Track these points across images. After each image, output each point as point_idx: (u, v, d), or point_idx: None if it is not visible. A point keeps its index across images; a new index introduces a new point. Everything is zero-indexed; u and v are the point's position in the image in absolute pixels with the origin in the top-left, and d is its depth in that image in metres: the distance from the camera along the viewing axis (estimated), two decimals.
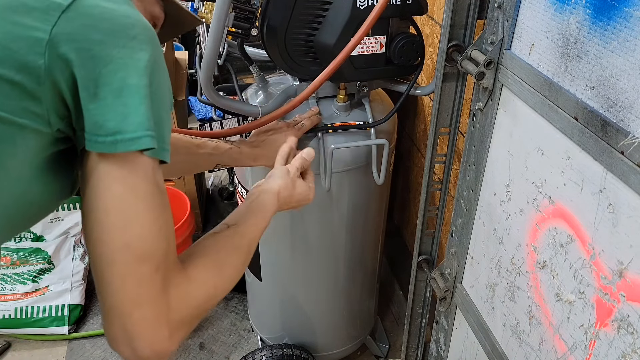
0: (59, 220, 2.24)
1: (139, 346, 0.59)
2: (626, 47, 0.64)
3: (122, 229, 0.58)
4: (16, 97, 0.58)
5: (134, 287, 0.58)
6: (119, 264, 0.58)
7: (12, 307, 2.04)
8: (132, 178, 0.59)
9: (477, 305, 1.16)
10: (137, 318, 0.58)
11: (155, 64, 0.62)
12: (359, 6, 1.17)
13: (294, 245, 1.56)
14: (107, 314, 0.59)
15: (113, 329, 0.59)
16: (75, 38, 0.57)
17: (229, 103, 1.28)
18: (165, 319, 0.60)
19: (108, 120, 0.58)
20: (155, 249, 0.59)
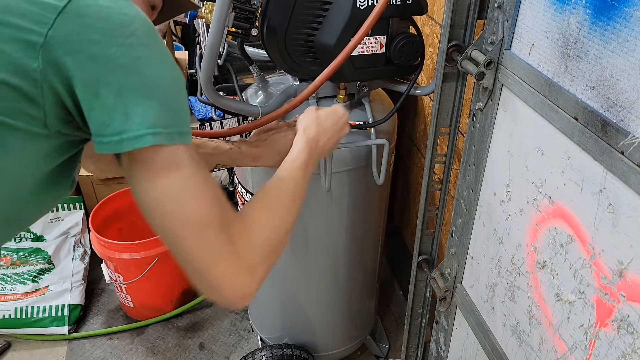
0: (59, 220, 2.24)
1: (228, 295, 0.69)
2: (626, 47, 0.64)
3: (178, 210, 0.64)
4: (12, 100, 0.58)
5: (207, 252, 0.66)
6: (187, 239, 0.65)
7: (12, 307, 2.04)
8: (169, 167, 0.63)
9: (477, 305, 1.16)
10: (218, 274, 0.67)
11: (156, 57, 0.62)
12: (359, 6, 1.17)
13: (294, 245, 1.56)
14: (193, 277, 0.68)
15: (202, 287, 0.69)
16: (71, 39, 0.58)
17: (229, 103, 1.28)
18: (241, 266, 0.69)
19: (113, 119, 0.59)
20: (212, 215, 0.66)
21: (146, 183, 0.64)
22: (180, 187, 0.64)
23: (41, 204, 0.71)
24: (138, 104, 0.60)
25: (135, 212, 2.47)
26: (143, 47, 0.61)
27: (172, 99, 0.63)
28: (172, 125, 0.63)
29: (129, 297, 2.10)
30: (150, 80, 0.61)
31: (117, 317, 2.20)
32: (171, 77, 0.64)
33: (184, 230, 0.65)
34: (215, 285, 0.68)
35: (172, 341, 2.09)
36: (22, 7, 0.57)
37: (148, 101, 0.61)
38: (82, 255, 2.24)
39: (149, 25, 0.63)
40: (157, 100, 0.61)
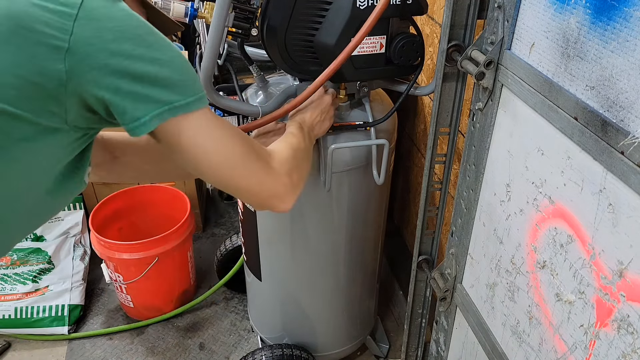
0: (59, 220, 2.24)
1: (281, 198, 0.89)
2: (626, 47, 0.64)
3: (224, 152, 0.79)
4: (37, 98, 0.65)
5: (256, 175, 0.84)
6: (236, 169, 0.82)
7: (12, 307, 2.04)
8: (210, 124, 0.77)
9: (477, 305, 1.16)
10: (269, 187, 0.86)
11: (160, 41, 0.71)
12: (359, 6, 1.17)
13: (294, 245, 1.56)
14: (251, 200, 0.89)
15: (261, 203, 0.89)
16: (91, 42, 0.65)
17: (229, 103, 1.28)
18: (281, 174, 0.89)
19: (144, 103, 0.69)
20: (246, 149, 0.82)
21: (187, 147, 0.75)
22: (215, 141, 0.78)
23: (57, 198, 0.78)
24: (164, 85, 0.70)
25: (135, 212, 2.47)
26: (148, 35, 0.70)
27: (187, 72, 0.74)
28: (194, 93, 0.74)
29: (129, 297, 2.10)
30: (166, 62, 0.71)
31: (117, 317, 2.20)
32: (178, 54, 0.73)
33: (230, 171, 0.81)
34: (268, 196, 0.87)
35: (172, 341, 2.09)
36: (45, 16, 0.64)
37: (170, 80, 0.71)
38: (82, 255, 2.24)
39: (142, 18, 0.72)
40: (176, 77, 0.71)
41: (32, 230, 0.84)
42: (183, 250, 2.10)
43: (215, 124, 0.78)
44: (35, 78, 0.64)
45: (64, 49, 0.64)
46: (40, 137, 0.68)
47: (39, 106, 0.65)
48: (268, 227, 1.57)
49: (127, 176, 1.19)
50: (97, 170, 1.05)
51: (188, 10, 1.17)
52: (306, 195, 1.45)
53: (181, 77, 0.72)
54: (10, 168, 0.68)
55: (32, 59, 0.63)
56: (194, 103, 0.74)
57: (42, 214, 0.80)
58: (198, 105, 0.74)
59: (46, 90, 0.65)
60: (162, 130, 0.73)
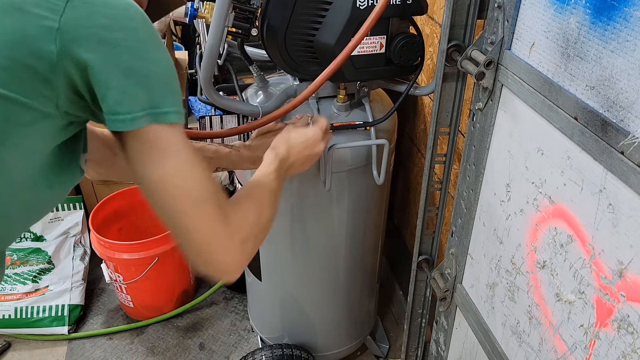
0: (59, 220, 2.24)
1: (222, 265, 0.76)
2: (626, 47, 0.64)
3: (180, 187, 0.70)
4: (29, 80, 0.63)
5: (205, 225, 0.73)
6: (187, 213, 0.71)
7: (12, 307, 2.04)
8: (173, 146, 0.69)
9: (477, 305, 1.16)
10: (215, 246, 0.74)
11: (154, 40, 0.68)
12: (359, 6, 1.17)
13: (294, 245, 1.56)
14: (190, 253, 0.75)
15: (199, 261, 0.75)
16: (82, 24, 0.63)
17: (229, 103, 1.28)
18: (235, 240, 0.76)
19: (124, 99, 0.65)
20: (209, 192, 0.73)
21: (151, 162, 0.69)
22: (183, 165, 0.70)
23: (52, 187, 0.75)
24: (145, 85, 0.66)
25: (135, 212, 2.47)
26: (142, 30, 0.67)
27: (171, 80, 0.69)
28: (174, 105, 0.69)
29: (129, 297, 2.09)
30: (153, 62, 0.67)
31: (117, 317, 2.20)
32: (167, 58, 0.70)
33: (187, 205, 0.71)
34: (212, 258, 0.75)
35: (172, 341, 2.09)
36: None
37: (154, 82, 0.67)
38: (82, 255, 2.24)
39: (141, 11, 0.69)
40: (161, 82, 0.68)
41: (32, 224, 0.81)
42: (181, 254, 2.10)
43: (189, 148, 0.71)
44: (28, 59, 0.62)
45: (54, 29, 0.62)
46: (36, 122, 0.66)
47: (32, 89, 0.64)
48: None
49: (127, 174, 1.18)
50: (97, 167, 1.05)
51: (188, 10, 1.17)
52: (306, 195, 1.45)
53: (165, 82, 0.69)
54: (10, 154, 0.66)
55: (24, 39, 0.62)
56: (173, 115, 0.69)
57: (41, 207, 0.78)
58: (176, 118, 0.69)
59: (38, 73, 0.63)
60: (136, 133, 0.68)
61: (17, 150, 0.67)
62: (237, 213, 0.79)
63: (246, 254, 0.80)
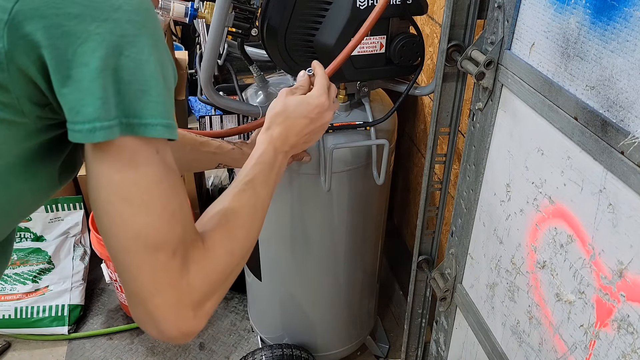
0: (59, 220, 2.24)
1: (165, 328, 0.58)
2: (626, 47, 0.64)
3: (130, 219, 0.54)
4: None
5: (151, 276, 0.56)
6: (132, 254, 0.55)
7: (12, 307, 2.03)
8: (134, 165, 0.54)
9: (477, 305, 1.16)
10: (158, 303, 0.57)
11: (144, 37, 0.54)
12: (359, 6, 1.17)
13: (294, 245, 1.56)
14: (129, 299, 0.59)
15: (137, 312, 0.59)
16: (43, 14, 0.49)
17: (229, 103, 1.28)
18: (188, 300, 0.59)
19: (86, 105, 0.51)
20: (169, 236, 0.57)
21: (105, 177, 0.54)
22: (143, 191, 0.55)
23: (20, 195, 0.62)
24: (116, 90, 0.52)
25: None
26: (130, 23, 0.53)
27: (155, 86, 0.55)
28: (152, 116, 0.54)
29: None
30: (134, 63, 0.53)
31: (117, 317, 2.20)
32: (159, 62, 0.55)
33: (132, 244, 0.55)
34: (152, 314, 0.57)
35: None
36: None
37: (128, 87, 0.53)
38: (82, 255, 2.24)
39: (143, 3, 0.55)
40: (138, 87, 0.53)
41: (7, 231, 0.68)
42: None
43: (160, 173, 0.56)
44: None
45: (3, 22, 0.49)
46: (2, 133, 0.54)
47: None
48: (268, 227, 1.57)
49: None
50: None
51: (188, 10, 1.17)
52: (306, 195, 1.45)
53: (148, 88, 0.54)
54: None
55: None
56: (150, 128, 0.54)
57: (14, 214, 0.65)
58: (153, 132, 0.54)
59: None
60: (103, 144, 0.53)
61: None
62: (205, 261, 0.62)
63: (201, 318, 0.61)
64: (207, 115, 1.44)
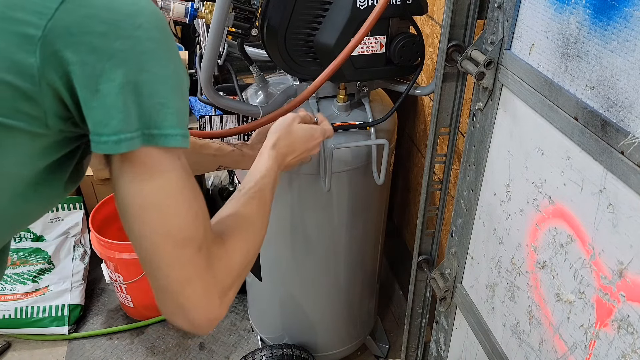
0: (59, 220, 2.24)
1: (195, 317, 0.64)
2: (626, 47, 0.64)
3: (159, 221, 0.60)
4: (8, 98, 0.55)
5: (182, 270, 0.62)
6: (164, 252, 0.61)
7: (12, 307, 2.03)
8: (159, 173, 0.60)
9: (477, 305, 1.16)
10: (188, 294, 0.63)
11: (163, 53, 0.59)
12: (359, 6, 1.17)
13: (294, 245, 1.56)
14: (160, 294, 0.64)
15: (168, 306, 0.65)
16: (73, 32, 0.54)
17: (229, 103, 1.28)
18: (214, 290, 0.66)
19: (111, 118, 0.56)
20: (194, 234, 0.63)
21: (134, 186, 0.60)
22: (169, 196, 0.61)
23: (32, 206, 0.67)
24: (138, 103, 0.57)
25: None
26: (150, 41, 0.57)
27: (173, 99, 0.60)
28: (172, 127, 0.59)
29: (129, 297, 2.09)
30: (154, 77, 0.58)
31: (117, 317, 2.20)
32: (176, 76, 0.60)
33: (165, 244, 0.61)
34: (183, 305, 0.64)
35: (172, 341, 2.09)
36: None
37: (149, 100, 0.57)
38: (82, 255, 2.24)
39: (159, 17, 0.59)
40: (158, 100, 0.58)
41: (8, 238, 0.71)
42: None
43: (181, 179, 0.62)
44: (5, 76, 0.53)
45: (36, 38, 0.53)
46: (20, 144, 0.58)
47: (14, 109, 0.55)
48: (268, 227, 1.56)
49: None
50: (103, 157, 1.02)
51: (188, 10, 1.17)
52: (306, 195, 1.45)
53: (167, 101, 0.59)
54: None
55: (1, 53, 0.53)
56: (171, 138, 0.59)
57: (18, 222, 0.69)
58: (173, 142, 0.59)
59: (20, 90, 0.54)
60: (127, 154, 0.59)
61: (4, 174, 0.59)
62: (227, 257, 0.69)
63: (225, 306, 0.68)
64: (207, 115, 1.44)
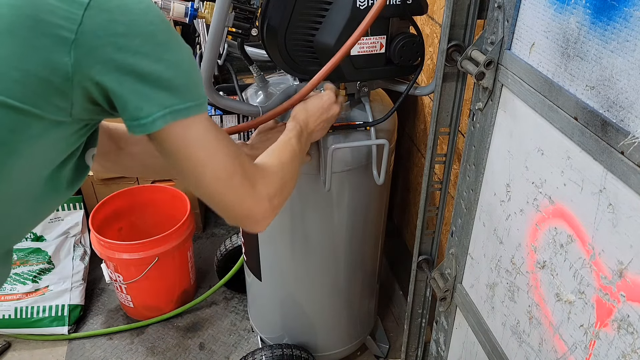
0: (59, 220, 2.24)
1: (255, 220, 0.87)
2: (626, 47, 0.64)
3: (209, 164, 0.76)
4: (42, 92, 0.63)
5: (235, 195, 0.82)
6: (219, 189, 0.79)
7: (12, 307, 2.03)
8: (200, 132, 0.74)
9: (477, 305, 1.16)
10: (247, 208, 0.84)
11: (172, 41, 0.70)
12: (359, 6, 1.17)
13: (294, 245, 1.56)
14: (227, 214, 0.85)
15: (234, 220, 0.87)
16: (100, 35, 0.62)
17: (229, 103, 1.28)
18: (261, 197, 0.86)
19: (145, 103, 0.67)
20: (235, 167, 0.80)
21: (180, 152, 0.73)
22: (208, 151, 0.76)
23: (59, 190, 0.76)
24: (166, 87, 0.68)
25: (135, 212, 2.47)
26: (161, 33, 0.68)
27: (192, 76, 0.72)
28: (195, 99, 0.72)
29: (129, 297, 2.10)
30: (172, 63, 0.68)
31: (117, 317, 2.20)
32: (187, 56, 0.72)
33: (216, 184, 0.79)
34: (245, 214, 0.85)
35: (172, 341, 2.09)
36: (49, 3, 0.60)
37: (173, 82, 0.68)
38: (82, 255, 2.24)
39: (159, 11, 0.70)
40: (180, 80, 0.69)
41: (39, 222, 0.82)
42: (183, 250, 2.10)
43: (211, 134, 0.76)
44: (42, 72, 0.61)
45: (70, 40, 0.61)
46: (46, 132, 0.66)
47: (46, 101, 0.63)
48: (268, 227, 1.56)
49: (133, 169, 1.18)
50: (103, 160, 1.04)
51: (188, 10, 1.17)
52: (306, 195, 1.45)
53: (185, 80, 0.71)
54: (14, 164, 0.66)
55: (37, 51, 0.60)
56: (193, 108, 0.72)
57: (47, 206, 0.79)
58: (197, 111, 0.72)
59: (53, 85, 0.63)
60: (159, 132, 0.71)
61: (25, 161, 0.66)
62: (262, 177, 0.88)
63: (274, 208, 0.90)
64: None
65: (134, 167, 1.13)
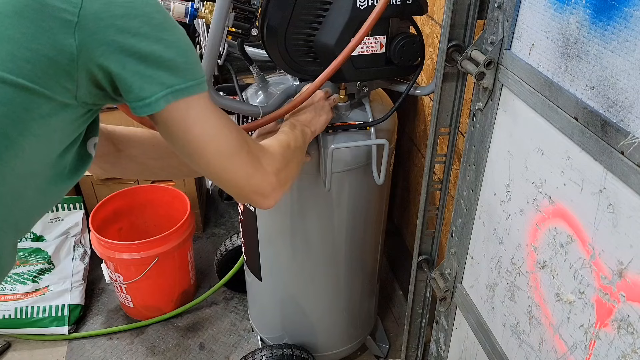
0: (59, 220, 2.24)
1: (265, 194, 0.90)
2: (626, 47, 0.64)
3: (214, 143, 0.79)
4: (51, 72, 0.65)
5: (241, 172, 0.85)
6: (225, 166, 0.82)
7: (12, 307, 2.03)
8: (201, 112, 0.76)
9: (477, 305, 1.16)
10: (254, 182, 0.88)
11: (168, 21, 0.71)
12: (359, 6, 1.17)
13: (294, 245, 1.56)
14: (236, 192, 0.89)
15: (244, 197, 0.90)
16: (100, 16, 0.65)
17: (229, 103, 1.28)
18: (267, 172, 0.89)
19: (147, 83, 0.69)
20: (237, 143, 0.82)
21: (184, 131, 0.76)
22: (212, 129, 0.78)
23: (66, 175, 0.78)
24: (167, 67, 0.70)
25: (135, 212, 2.47)
26: (158, 13, 0.70)
27: (190, 55, 0.73)
28: (196, 77, 0.73)
29: (129, 297, 2.10)
30: (171, 43, 0.71)
31: (117, 317, 2.20)
32: (183, 36, 0.74)
33: (222, 161, 0.81)
34: (253, 190, 0.89)
35: (172, 341, 2.09)
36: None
37: (174, 62, 0.71)
38: (82, 255, 2.24)
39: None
40: (180, 60, 0.71)
41: (46, 211, 0.83)
42: (183, 250, 2.10)
43: (213, 112, 0.78)
44: (50, 52, 0.64)
45: (74, 23, 0.64)
46: (55, 113, 0.68)
47: (54, 81, 0.66)
48: (268, 227, 1.57)
49: (132, 171, 1.19)
50: (101, 162, 1.05)
51: (188, 10, 1.17)
52: (306, 195, 1.45)
53: (185, 59, 0.73)
54: (30, 143, 0.68)
55: (45, 32, 0.63)
56: (195, 87, 0.74)
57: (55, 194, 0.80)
58: (198, 90, 0.74)
59: (60, 65, 0.65)
60: (162, 112, 0.73)
61: (37, 140, 0.68)
62: (265, 153, 0.92)
63: (281, 182, 0.93)
64: None
65: (133, 169, 1.14)
